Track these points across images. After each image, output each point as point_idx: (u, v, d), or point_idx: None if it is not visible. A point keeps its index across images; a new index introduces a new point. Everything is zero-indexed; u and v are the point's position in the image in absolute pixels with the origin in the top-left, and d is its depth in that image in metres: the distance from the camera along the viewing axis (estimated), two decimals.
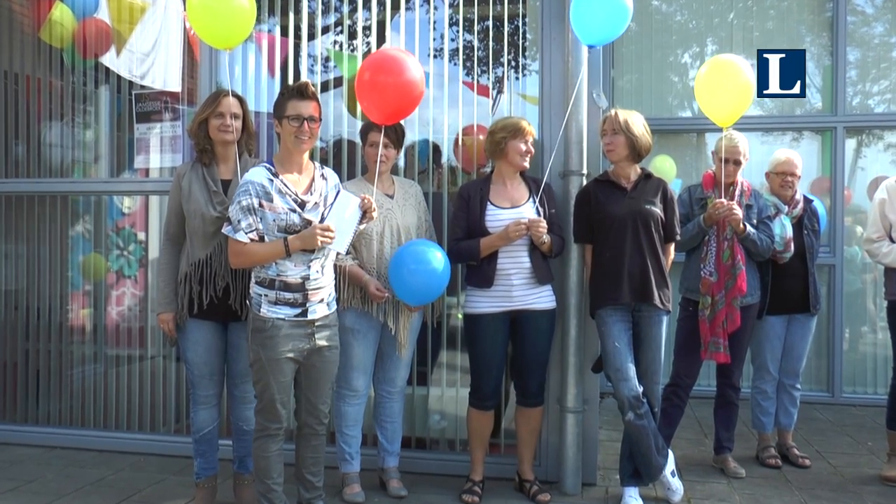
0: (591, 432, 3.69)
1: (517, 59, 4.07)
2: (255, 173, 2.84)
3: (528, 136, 3.39)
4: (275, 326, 2.82)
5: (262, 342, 2.83)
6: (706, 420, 4.67)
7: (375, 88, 3.10)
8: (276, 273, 2.83)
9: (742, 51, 5.51)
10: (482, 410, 3.46)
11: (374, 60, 3.18)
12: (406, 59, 3.15)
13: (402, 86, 3.09)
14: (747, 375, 4.39)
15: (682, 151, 5.96)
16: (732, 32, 5.84)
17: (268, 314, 2.82)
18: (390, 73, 3.08)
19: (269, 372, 2.84)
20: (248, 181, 2.82)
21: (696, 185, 3.91)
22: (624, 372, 3.27)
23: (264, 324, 2.82)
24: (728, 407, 3.93)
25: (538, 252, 3.36)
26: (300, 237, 2.81)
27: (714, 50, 5.84)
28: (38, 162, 4.59)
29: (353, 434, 3.49)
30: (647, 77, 5.91)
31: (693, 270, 3.75)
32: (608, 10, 3.24)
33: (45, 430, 4.40)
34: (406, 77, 3.08)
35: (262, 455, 2.93)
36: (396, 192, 3.48)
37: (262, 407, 2.90)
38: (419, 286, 3.21)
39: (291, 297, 2.84)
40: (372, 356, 3.48)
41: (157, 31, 4.47)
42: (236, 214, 2.80)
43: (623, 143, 3.31)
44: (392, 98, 3.11)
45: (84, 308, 4.54)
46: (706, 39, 5.93)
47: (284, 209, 2.81)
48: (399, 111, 3.21)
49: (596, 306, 3.39)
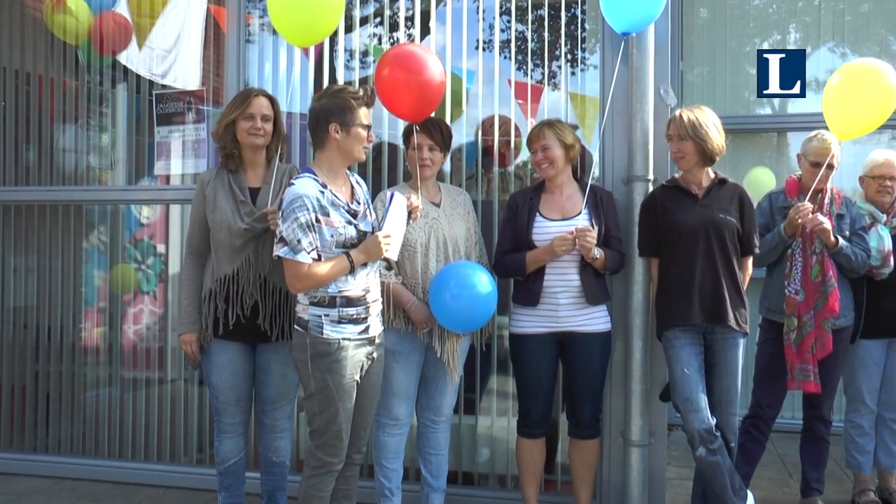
0: (659, 469, 3.71)
1: (574, 52, 4.15)
2: (306, 185, 2.86)
3: (536, 142, 3.45)
4: (341, 347, 2.89)
5: (328, 367, 2.89)
6: (791, 457, 4.64)
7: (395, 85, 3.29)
8: (338, 289, 2.90)
9: (831, 38, 5.48)
10: (531, 439, 3.52)
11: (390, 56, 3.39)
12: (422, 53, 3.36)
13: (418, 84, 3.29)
14: (838, 407, 4.35)
15: (761, 153, 5.94)
16: (820, 18, 5.79)
17: (333, 335, 2.89)
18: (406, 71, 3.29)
19: (337, 400, 2.89)
20: (301, 195, 2.83)
21: (778, 191, 3.91)
22: (694, 402, 3.28)
23: (330, 346, 2.88)
24: (817, 442, 3.90)
25: (590, 269, 3.41)
26: (364, 250, 2.91)
27: (798, 38, 5.81)
28: (51, 168, 4.75)
29: (394, 467, 3.55)
30: (721, 70, 5.91)
31: (776, 288, 3.76)
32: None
33: (55, 460, 4.54)
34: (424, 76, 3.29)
35: (317, 494, 2.96)
36: (443, 201, 3.55)
37: (325, 441, 2.93)
38: (462, 312, 3.27)
39: (355, 313, 2.93)
40: (415, 381, 3.54)
41: (180, 25, 4.62)
42: (294, 233, 2.81)
43: (692, 149, 3.32)
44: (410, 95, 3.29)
45: (98, 326, 4.68)
46: (788, 26, 5.90)
47: (341, 222, 2.90)
48: (420, 108, 3.36)
49: (663, 327, 3.41)
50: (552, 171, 3.46)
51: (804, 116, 5.09)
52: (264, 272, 3.27)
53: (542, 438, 3.56)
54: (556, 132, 3.44)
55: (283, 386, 3.40)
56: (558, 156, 3.43)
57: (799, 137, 4.36)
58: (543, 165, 3.46)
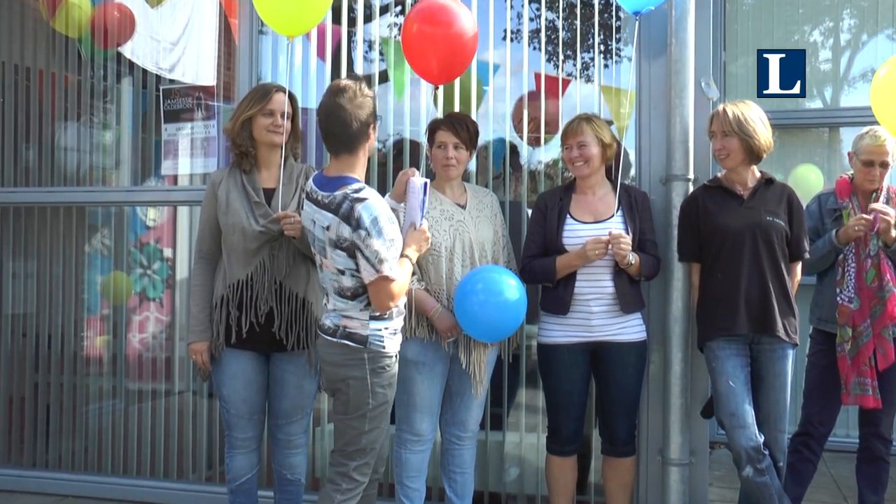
0: (700, 490, 3.72)
1: (607, 42, 4.17)
2: (381, 199, 2.92)
3: (573, 137, 3.46)
4: (396, 361, 3.01)
5: (389, 382, 2.98)
6: (846, 479, 4.62)
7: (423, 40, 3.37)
8: None
9: (890, 25, 5.45)
10: (562, 457, 3.55)
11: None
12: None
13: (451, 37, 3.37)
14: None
15: (810, 151, 5.92)
16: (878, 2, 5.75)
17: (392, 348, 2.98)
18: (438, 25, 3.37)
19: (387, 416, 3.00)
20: (387, 209, 2.90)
21: (828, 192, 3.90)
22: (741, 417, 3.30)
23: (391, 360, 2.98)
24: (875, 463, 3.88)
25: (625, 275, 3.43)
26: (416, 248, 3.04)
27: (852, 25, 5.79)
28: (51, 168, 4.82)
29: (416, 486, 3.57)
30: None
31: (827, 296, 3.77)
32: None
33: (55, 476, 4.61)
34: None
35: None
36: (469, 202, 3.58)
37: (367, 461, 2.99)
38: (490, 320, 3.29)
39: (401, 325, 3.06)
40: (439, 395, 3.56)
41: (188, 15, 4.69)
42: (389, 252, 2.85)
43: (738, 147, 3.33)
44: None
45: (101, 335, 4.76)
46: (841, 12, 5.88)
47: (401, 233, 3.01)
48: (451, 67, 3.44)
49: (706, 338, 3.43)
50: (587, 170, 3.48)
51: (858, 111, 5.07)
52: (280, 277, 3.32)
53: (573, 456, 3.58)
54: (595, 128, 3.46)
55: (298, 398, 3.43)
56: (595, 154, 3.46)
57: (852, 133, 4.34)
58: (578, 163, 3.48)
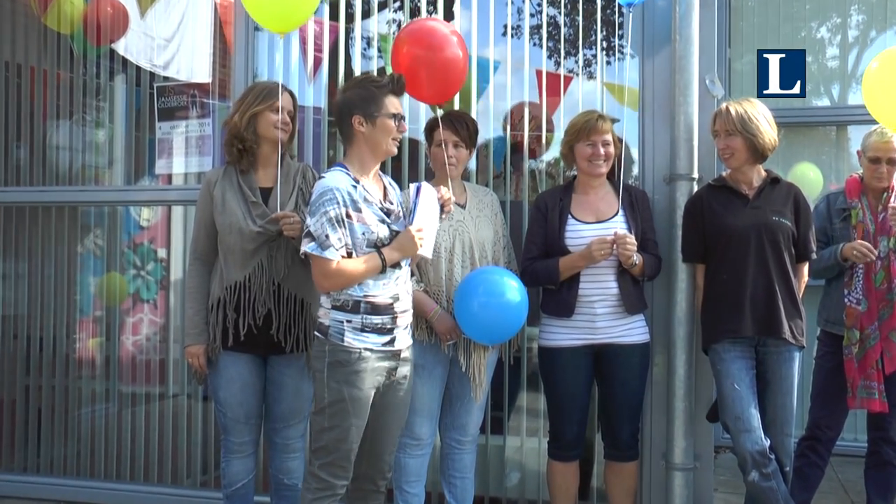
0: (705, 495, 3.73)
1: (610, 38, 4.19)
2: (336, 178, 2.95)
3: (597, 134, 3.46)
4: (362, 358, 2.94)
5: (346, 378, 2.93)
6: (854, 484, 4.64)
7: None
8: (363, 293, 2.96)
9: None
10: (564, 462, 3.57)
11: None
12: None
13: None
14: None
15: (817, 150, 5.93)
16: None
17: (354, 343, 2.95)
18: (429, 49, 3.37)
19: (351, 414, 2.94)
20: (330, 187, 2.91)
21: (837, 192, 3.92)
22: (746, 420, 3.31)
23: (350, 356, 2.93)
24: (884, 468, 3.88)
25: (628, 276, 3.46)
26: (397, 247, 2.99)
27: (860, 21, 5.80)
28: (43, 167, 4.83)
29: (415, 492, 3.59)
30: None
31: (834, 298, 3.78)
32: None
33: (47, 481, 4.62)
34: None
35: None
36: (469, 202, 3.60)
37: (332, 460, 2.96)
38: (491, 322, 3.30)
39: (380, 322, 2.98)
40: (438, 398, 3.58)
41: (182, 11, 4.70)
42: (322, 227, 2.89)
43: (742, 146, 3.34)
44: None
45: (94, 337, 4.77)
46: (849, 8, 5.88)
47: (374, 220, 2.97)
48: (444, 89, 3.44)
49: (710, 340, 3.44)
50: (605, 168, 3.51)
51: (866, 108, 5.06)
52: (278, 278, 3.34)
53: (575, 461, 3.60)
54: (611, 127, 3.49)
55: (296, 402, 3.45)
56: (612, 153, 3.49)
57: (859, 131, 4.36)
58: (598, 161, 3.48)
